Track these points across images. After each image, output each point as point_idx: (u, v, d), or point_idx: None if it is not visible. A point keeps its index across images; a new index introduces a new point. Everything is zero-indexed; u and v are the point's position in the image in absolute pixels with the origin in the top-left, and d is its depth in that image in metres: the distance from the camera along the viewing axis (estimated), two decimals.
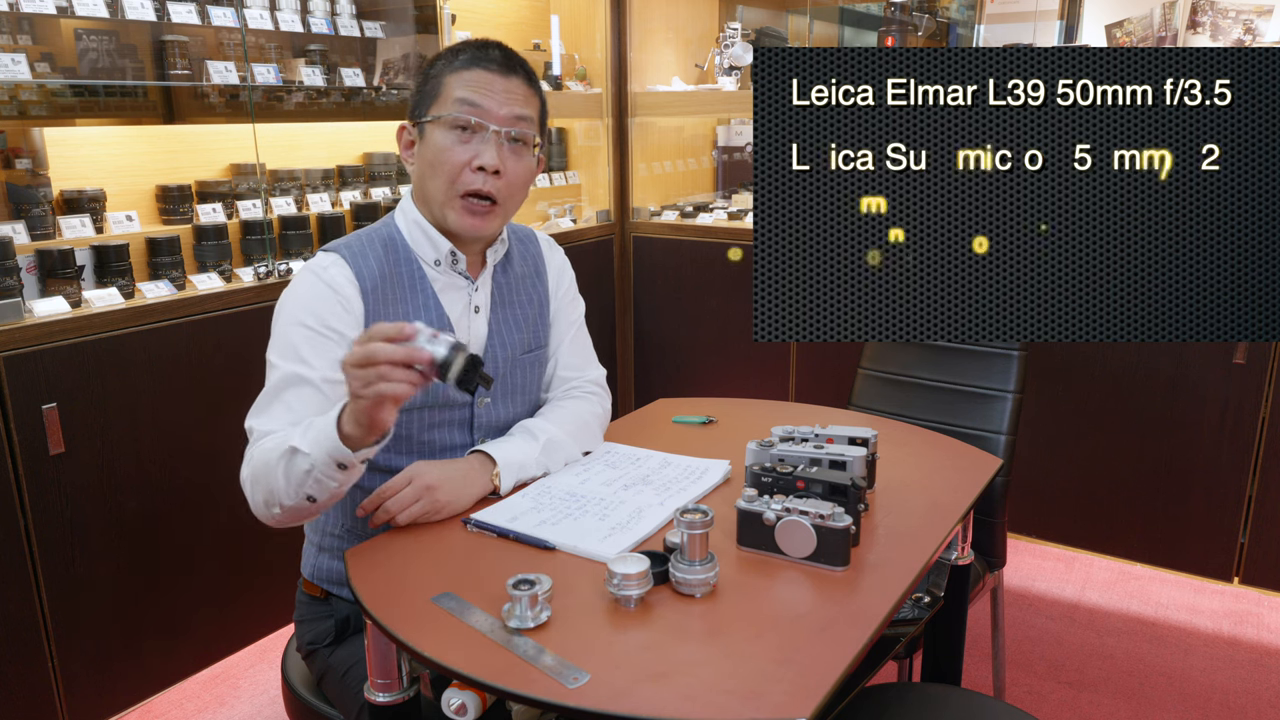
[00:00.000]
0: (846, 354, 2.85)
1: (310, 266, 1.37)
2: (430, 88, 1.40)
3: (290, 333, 1.33)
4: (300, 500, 1.24)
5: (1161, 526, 2.67)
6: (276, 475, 1.24)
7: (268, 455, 1.25)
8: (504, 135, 1.38)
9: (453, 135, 1.37)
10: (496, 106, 1.37)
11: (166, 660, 2.20)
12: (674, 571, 1.13)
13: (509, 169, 1.39)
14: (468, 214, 1.39)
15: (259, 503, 1.29)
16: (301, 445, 1.21)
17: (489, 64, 1.38)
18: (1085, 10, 2.96)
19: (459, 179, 1.37)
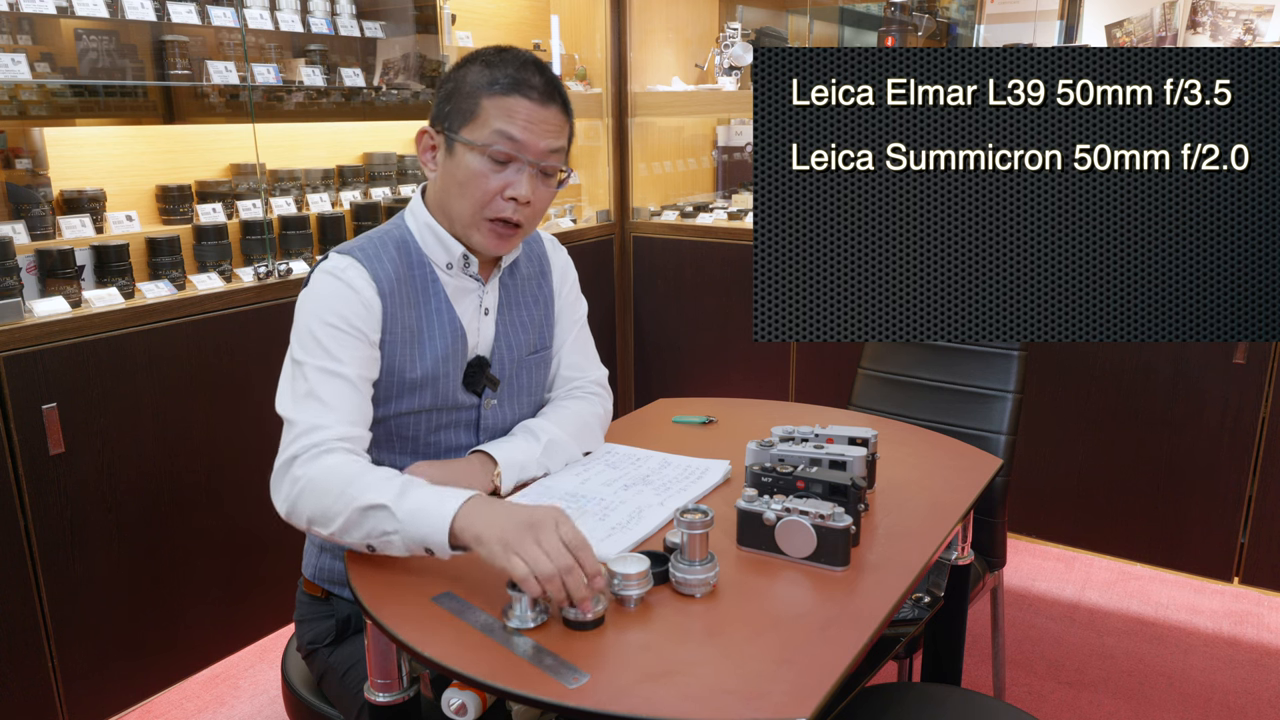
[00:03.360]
0: (846, 354, 2.85)
1: (327, 268, 1.36)
2: (465, 105, 1.36)
3: (317, 331, 1.31)
4: (358, 545, 1.21)
5: (1161, 526, 2.67)
6: (343, 512, 1.19)
7: (336, 483, 1.21)
8: (538, 168, 1.37)
9: (487, 164, 1.35)
10: (534, 140, 1.35)
11: (166, 660, 2.20)
12: (674, 571, 1.13)
13: (537, 197, 1.39)
14: (494, 237, 1.39)
15: (301, 511, 1.24)
16: (395, 510, 1.16)
17: (530, 92, 1.35)
18: (1085, 10, 2.96)
19: (489, 205, 1.37)
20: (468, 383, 1.45)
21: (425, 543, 1.16)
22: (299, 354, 1.32)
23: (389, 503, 1.17)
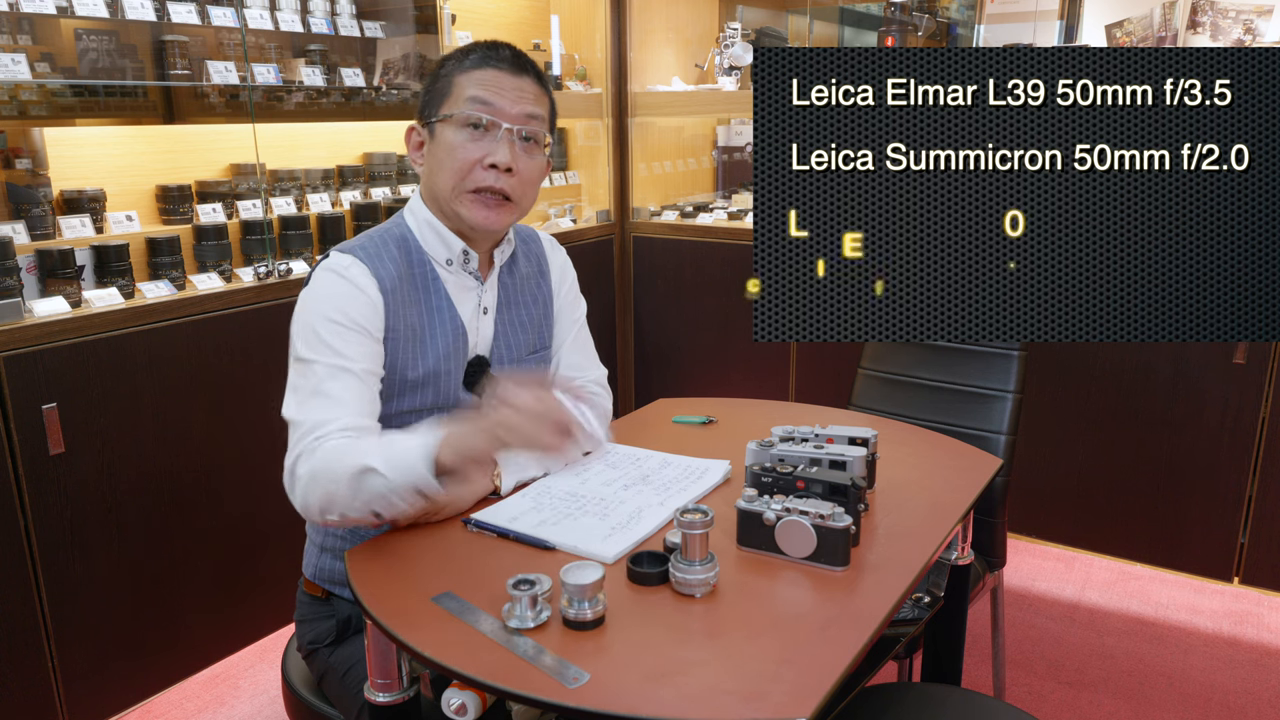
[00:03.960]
0: (846, 354, 2.85)
1: (329, 266, 1.36)
2: (440, 87, 1.39)
3: (322, 327, 1.31)
4: (365, 514, 1.24)
5: (1161, 526, 2.67)
6: (341, 486, 1.23)
7: (332, 463, 1.24)
8: (516, 134, 1.38)
9: (465, 133, 1.36)
10: (509, 105, 1.37)
11: (166, 660, 2.20)
12: (674, 571, 1.13)
13: (521, 167, 1.39)
14: (480, 206, 1.39)
15: (312, 504, 1.26)
16: (380, 467, 1.21)
17: (500, 63, 1.38)
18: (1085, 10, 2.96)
19: (470, 175, 1.37)
20: (468, 382, 1.45)
21: (414, 485, 1.20)
22: (304, 352, 1.32)
23: (375, 463, 1.21)
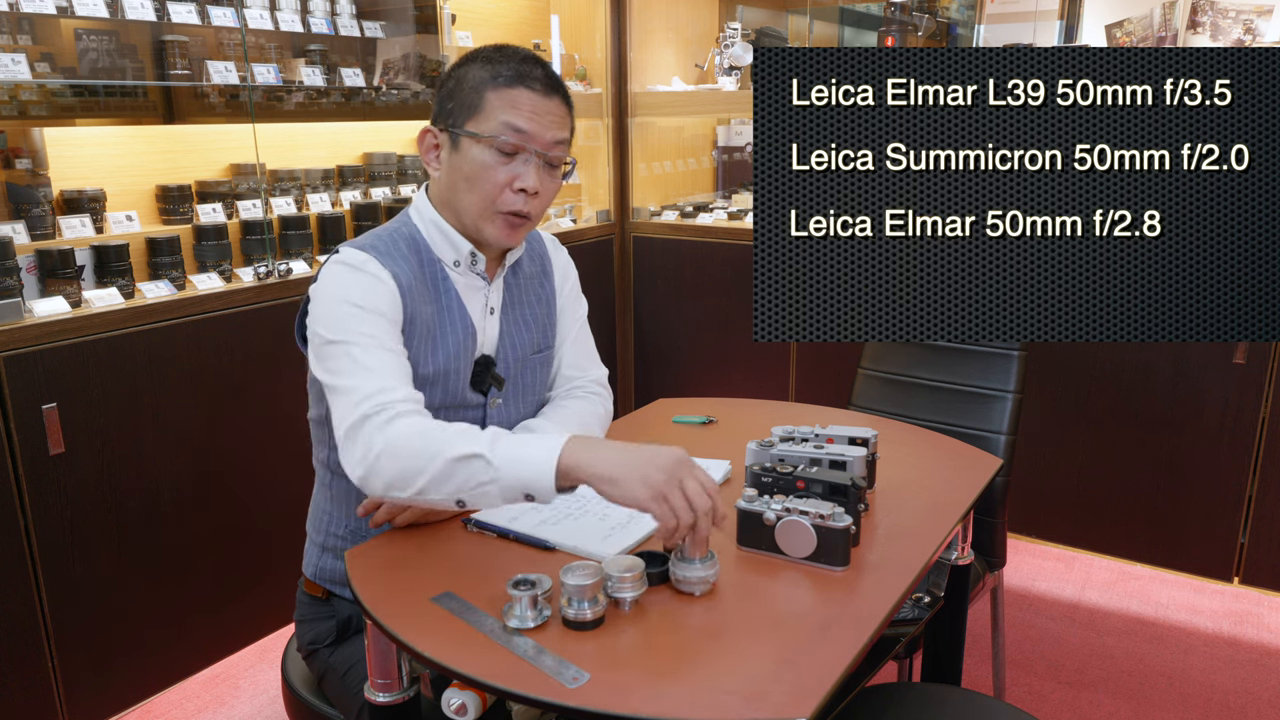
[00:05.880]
0: (846, 354, 2.85)
1: (345, 260, 1.34)
2: (469, 99, 1.36)
3: (344, 312, 1.29)
4: (444, 501, 1.20)
5: (1161, 526, 2.67)
6: (432, 466, 1.18)
7: (415, 440, 1.20)
8: (544, 158, 1.38)
9: (494, 155, 1.35)
10: (541, 131, 1.36)
11: (166, 660, 2.20)
12: (674, 570, 1.13)
13: (544, 188, 1.39)
14: (507, 228, 1.39)
15: (381, 477, 1.20)
16: (491, 458, 1.16)
17: (533, 84, 1.36)
18: (1085, 10, 2.96)
19: (499, 198, 1.37)
20: (474, 382, 1.45)
21: (527, 488, 1.15)
22: (332, 335, 1.29)
23: (483, 451, 1.17)
